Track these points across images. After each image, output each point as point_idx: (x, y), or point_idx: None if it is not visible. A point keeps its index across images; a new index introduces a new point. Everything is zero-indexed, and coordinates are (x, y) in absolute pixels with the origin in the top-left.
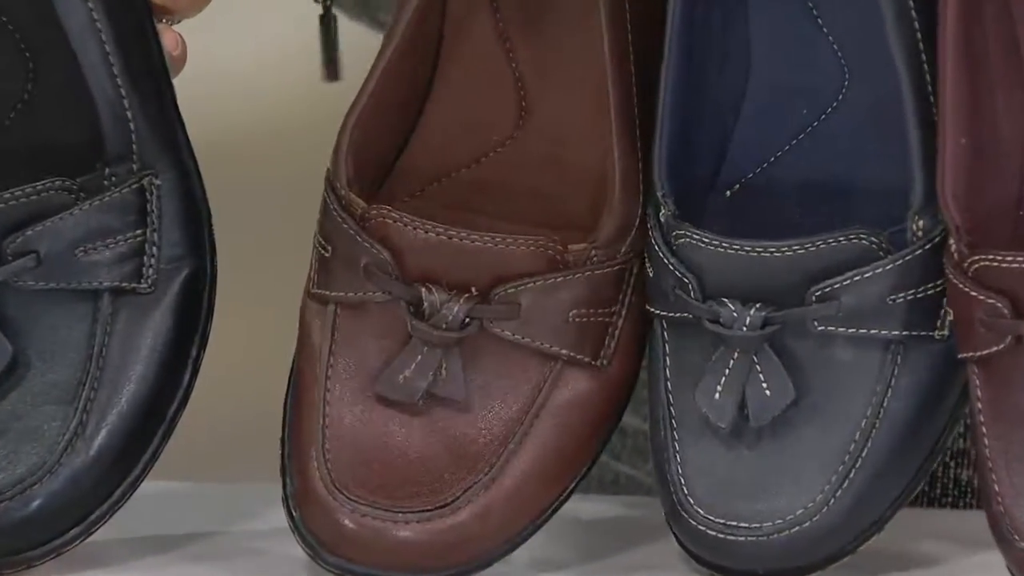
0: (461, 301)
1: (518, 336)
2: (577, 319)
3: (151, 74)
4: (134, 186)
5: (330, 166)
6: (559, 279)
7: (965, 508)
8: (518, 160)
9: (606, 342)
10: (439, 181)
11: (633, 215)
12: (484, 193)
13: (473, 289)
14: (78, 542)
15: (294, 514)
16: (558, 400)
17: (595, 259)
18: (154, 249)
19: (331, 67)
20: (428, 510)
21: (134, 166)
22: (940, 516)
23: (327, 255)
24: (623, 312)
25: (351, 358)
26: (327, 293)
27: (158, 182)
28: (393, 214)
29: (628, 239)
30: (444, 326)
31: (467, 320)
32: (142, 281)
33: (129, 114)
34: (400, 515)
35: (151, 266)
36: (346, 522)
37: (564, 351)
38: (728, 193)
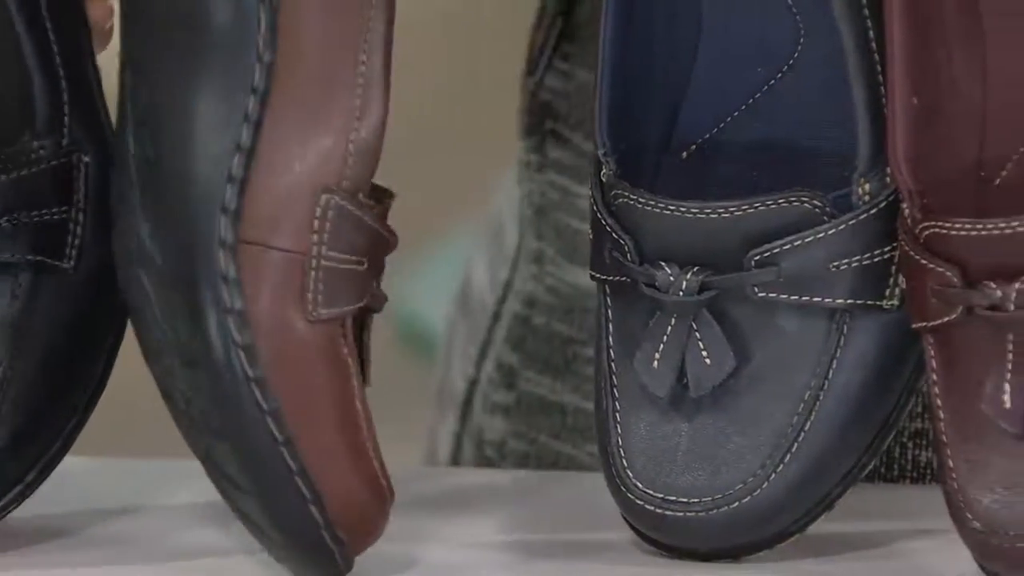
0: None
1: None
2: None
3: (80, 43)
4: (63, 160)
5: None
6: None
7: None
8: None
9: None
10: None
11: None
12: None
13: None
14: None
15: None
16: None
17: None
18: (78, 229)
19: None
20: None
21: (64, 140)
22: (895, 492)
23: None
24: None
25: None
26: None
27: (86, 159)
28: None
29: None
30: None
31: None
32: (64, 260)
33: (64, 84)
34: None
35: (74, 245)
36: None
37: None
38: (684, 155)
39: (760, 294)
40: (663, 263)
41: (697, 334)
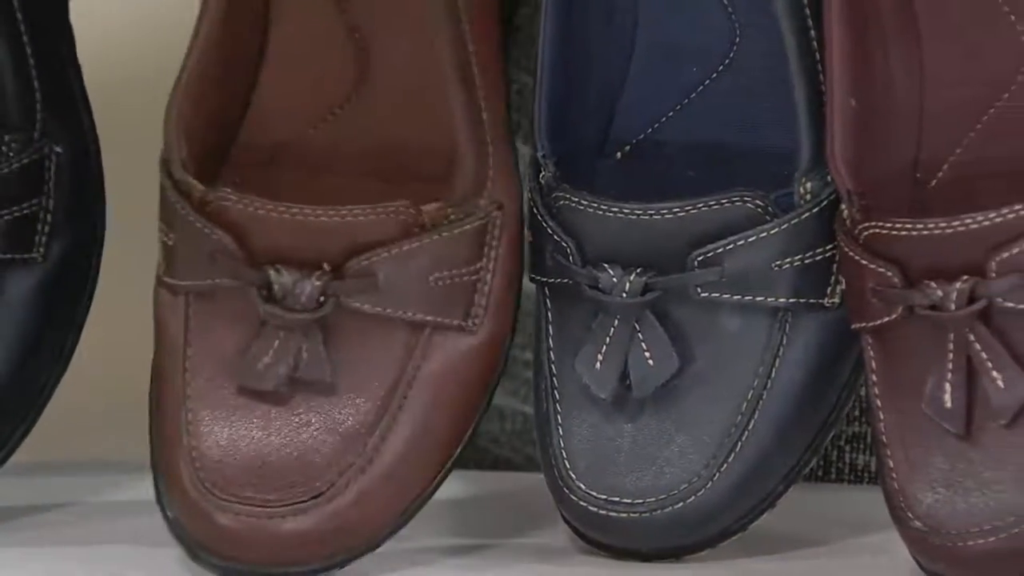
0: (313, 279)
1: (378, 308)
2: (439, 282)
3: (54, 24)
4: (34, 157)
5: (163, 149)
6: (415, 244)
7: None
8: (363, 115)
9: (476, 300)
10: (285, 146)
11: (485, 167)
12: (334, 153)
13: (325, 265)
14: None
15: (169, 515)
16: (429, 370)
17: (452, 218)
18: (48, 216)
19: None
20: (303, 501)
21: (35, 134)
22: (836, 493)
23: (170, 243)
24: (492, 268)
25: (208, 349)
26: (177, 282)
27: (58, 149)
28: (232, 196)
29: (484, 192)
30: (298, 307)
31: (323, 298)
32: (33, 251)
33: (36, 83)
34: (276, 508)
35: (44, 233)
36: (222, 522)
37: (430, 316)
38: (619, 155)
39: (703, 294)
40: (606, 265)
41: (640, 335)
